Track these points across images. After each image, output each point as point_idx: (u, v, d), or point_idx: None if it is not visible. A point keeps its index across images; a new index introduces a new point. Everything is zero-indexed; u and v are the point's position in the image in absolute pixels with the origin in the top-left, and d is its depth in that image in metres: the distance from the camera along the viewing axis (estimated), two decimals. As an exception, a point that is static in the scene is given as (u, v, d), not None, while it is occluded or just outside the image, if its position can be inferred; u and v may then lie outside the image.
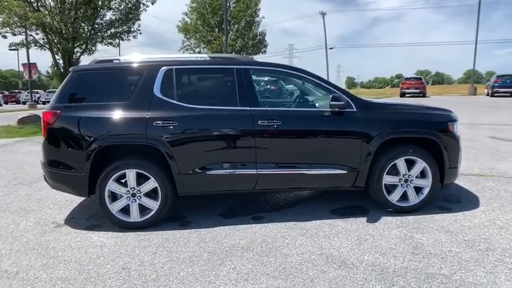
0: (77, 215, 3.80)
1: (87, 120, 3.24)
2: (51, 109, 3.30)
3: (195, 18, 27.00)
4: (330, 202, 3.92)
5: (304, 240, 3.07)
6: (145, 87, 3.31)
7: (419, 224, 3.31)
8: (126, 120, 3.23)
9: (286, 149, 3.38)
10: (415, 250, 2.83)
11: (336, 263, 2.68)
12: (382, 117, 3.44)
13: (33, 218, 3.73)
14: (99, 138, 3.19)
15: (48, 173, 3.40)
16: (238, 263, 2.71)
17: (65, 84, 3.37)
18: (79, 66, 3.49)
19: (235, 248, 2.95)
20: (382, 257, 2.74)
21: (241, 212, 3.77)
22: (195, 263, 2.72)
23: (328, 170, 3.42)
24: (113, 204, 3.32)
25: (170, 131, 3.22)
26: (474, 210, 3.63)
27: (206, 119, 3.29)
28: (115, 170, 3.23)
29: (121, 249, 2.99)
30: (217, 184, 3.40)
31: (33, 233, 3.35)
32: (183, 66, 3.42)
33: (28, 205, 4.16)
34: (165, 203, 3.33)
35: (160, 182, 3.28)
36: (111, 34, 12.87)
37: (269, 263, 2.69)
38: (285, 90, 7.90)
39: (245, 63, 3.48)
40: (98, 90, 3.41)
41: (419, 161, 3.47)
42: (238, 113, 3.32)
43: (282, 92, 7.86)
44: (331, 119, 3.40)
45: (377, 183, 3.48)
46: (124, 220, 3.33)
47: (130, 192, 3.31)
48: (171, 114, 3.24)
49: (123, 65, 3.51)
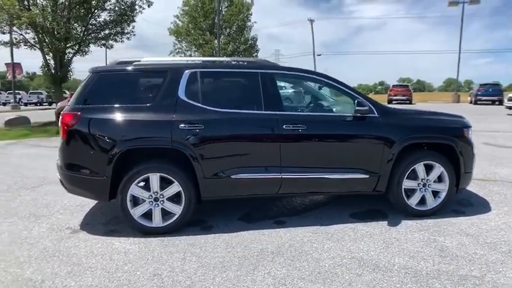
0: (92, 220, 3.69)
1: (110, 123, 3.17)
2: (71, 111, 3.21)
3: (186, 21, 26.87)
4: (348, 206, 3.96)
5: (332, 244, 3.08)
6: (169, 90, 3.27)
7: (439, 228, 3.39)
8: (150, 123, 3.18)
9: (310, 154, 3.40)
10: (441, 253, 2.89)
11: (369, 266, 2.70)
12: (402, 123, 3.51)
13: (46, 224, 3.60)
14: (122, 141, 3.12)
15: (66, 176, 3.29)
16: (272, 267, 2.70)
17: (85, 85, 3.29)
18: (99, 67, 3.41)
19: (264, 253, 2.93)
20: (412, 260, 2.79)
21: (261, 216, 3.76)
22: (228, 269, 2.69)
23: (350, 174, 3.46)
24: (134, 209, 3.24)
25: (196, 134, 3.19)
26: (487, 213, 3.74)
27: (232, 123, 3.28)
28: (138, 174, 3.17)
29: (147, 255, 2.92)
30: (241, 188, 3.38)
31: (50, 239, 3.23)
32: (207, 69, 3.40)
33: (37, 210, 4.01)
34: (188, 208, 3.28)
35: (184, 186, 3.23)
36: (104, 35, 12.63)
37: (303, 268, 2.69)
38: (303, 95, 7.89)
39: (270, 67, 3.49)
40: (120, 92, 3.34)
41: (437, 166, 3.56)
42: (264, 117, 3.32)
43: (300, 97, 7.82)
44: (354, 124, 3.45)
45: (397, 187, 3.54)
46: (146, 225, 3.26)
47: (153, 197, 3.25)
48: (196, 117, 3.21)
49: (146, 67, 3.45)
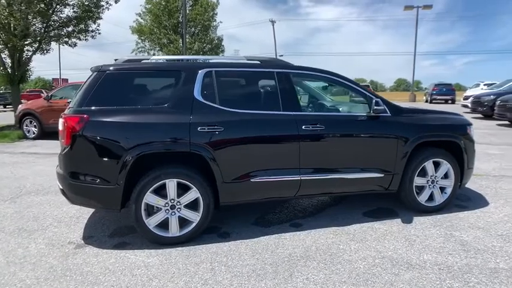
0: (94, 232, 3.38)
1: (122, 126, 2.90)
2: (77, 113, 2.90)
3: (149, 20, 25.84)
4: (357, 205, 3.99)
5: (357, 245, 3.07)
6: (184, 90, 3.07)
7: (451, 222, 3.51)
8: (167, 125, 2.96)
9: (329, 154, 3.36)
10: (463, 247, 2.98)
11: (402, 265, 2.72)
12: (413, 122, 3.59)
13: (42, 239, 3.23)
14: (137, 146, 2.88)
15: (71, 186, 2.97)
16: (308, 272, 2.62)
17: (90, 85, 2.99)
18: (105, 65, 3.11)
19: (294, 258, 2.84)
20: (440, 256, 2.85)
21: (276, 219, 3.66)
22: (264, 277, 2.57)
23: (366, 173, 3.47)
24: (149, 218, 3.00)
25: (215, 136, 3.02)
26: (487, 207, 3.94)
27: (251, 124, 3.15)
28: (154, 180, 2.94)
29: (171, 268, 2.71)
30: (260, 191, 3.26)
31: (54, 257, 2.90)
32: (222, 69, 3.24)
33: (25, 224, 3.59)
34: (207, 215, 3.11)
35: (203, 191, 3.05)
36: (67, 33, 11.72)
37: (339, 271, 2.64)
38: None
39: (285, 66, 3.40)
40: (130, 92, 3.08)
41: (444, 163, 3.69)
42: (283, 117, 3.23)
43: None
44: (369, 123, 3.47)
45: (409, 185, 3.62)
46: (162, 235, 3.04)
47: (169, 204, 3.03)
48: (215, 119, 3.04)
49: (157, 66, 3.22)
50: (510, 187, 4.66)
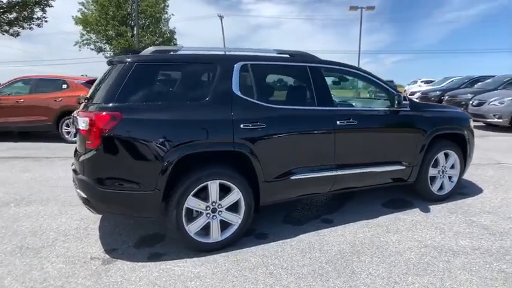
0: (115, 244, 3.01)
1: (161, 124, 2.60)
2: (107, 110, 2.53)
3: (95, 10, 23.73)
4: (371, 198, 4.07)
5: (396, 236, 3.15)
6: (222, 85, 2.85)
7: (463, 209, 3.77)
8: (210, 123, 2.72)
9: (360, 149, 3.39)
10: (487, 231, 3.22)
11: (447, 252, 2.85)
12: (429, 115, 3.78)
13: (56, 257, 2.79)
14: (180, 147, 2.60)
15: (99, 194, 2.59)
16: (367, 267, 2.62)
17: (119, 78, 2.62)
18: (133, 55, 2.75)
19: (345, 254, 2.82)
20: (473, 240, 3.04)
21: (304, 217, 3.61)
22: (328, 276, 2.51)
23: (392, 166, 3.58)
24: (190, 224, 2.75)
25: (258, 134, 2.86)
26: (483, 193, 4.31)
27: (291, 120, 3.04)
28: (196, 183, 2.69)
29: (227, 276, 2.52)
30: (298, 189, 3.18)
31: (83, 277, 2.51)
32: (257, 62, 3.06)
33: (24, 241, 3.07)
34: (248, 216, 2.95)
35: (245, 192, 2.88)
36: (9, 20, 10.26)
37: (395, 263, 2.68)
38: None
39: (315, 60, 3.33)
40: (162, 85, 2.79)
41: (452, 153, 3.95)
42: (320, 113, 3.17)
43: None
44: (394, 118, 3.57)
45: (425, 175, 3.81)
46: (203, 242, 2.81)
47: (210, 208, 2.81)
48: (256, 115, 2.88)
49: (191, 57, 2.94)
50: (490, 173, 5.15)
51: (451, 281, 2.43)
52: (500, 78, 12.72)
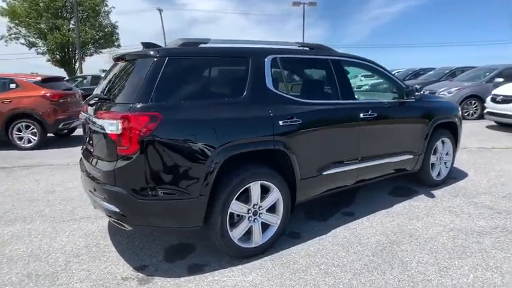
0: (143, 260, 2.70)
1: (203, 124, 2.36)
2: (144, 111, 2.22)
3: (23, 1, 20.94)
4: (375, 188, 4.18)
5: (419, 223, 3.27)
6: (256, 80, 2.67)
7: (461, 192, 4.06)
8: (252, 120, 2.54)
9: (379, 140, 3.46)
10: (494, 211, 3.50)
11: (472, 233, 3.03)
12: (430, 106, 3.98)
13: (79, 283, 2.41)
14: (224, 147, 2.39)
15: (139, 206, 2.27)
16: (414, 256, 2.69)
17: (151, 74, 2.31)
18: (163, 48, 2.43)
19: (385, 245, 2.86)
20: (489, 221, 3.27)
21: (325, 211, 3.58)
22: (382, 268, 2.52)
23: (403, 156, 3.72)
24: (233, 230, 2.57)
25: (296, 130, 2.75)
26: (469, 176, 4.68)
27: (323, 115, 2.97)
28: (240, 185, 2.51)
29: (284, 280, 2.40)
30: (327, 185, 3.14)
31: (125, 301, 2.20)
32: (285, 55, 2.93)
33: (30, 268, 2.61)
34: (286, 216, 2.84)
35: (284, 191, 2.77)
36: None
37: (434, 249, 2.79)
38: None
39: (335, 53, 3.29)
40: (196, 81, 2.53)
41: (448, 141, 4.23)
42: (346, 106, 3.16)
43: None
44: (403, 108, 3.69)
45: (427, 163, 4.03)
46: (246, 247, 2.65)
47: (252, 211, 2.65)
48: (292, 111, 2.76)
49: (223, 51, 2.71)
50: (465, 157, 5.62)
51: (493, 261, 2.59)
52: (441, 70, 14.00)
